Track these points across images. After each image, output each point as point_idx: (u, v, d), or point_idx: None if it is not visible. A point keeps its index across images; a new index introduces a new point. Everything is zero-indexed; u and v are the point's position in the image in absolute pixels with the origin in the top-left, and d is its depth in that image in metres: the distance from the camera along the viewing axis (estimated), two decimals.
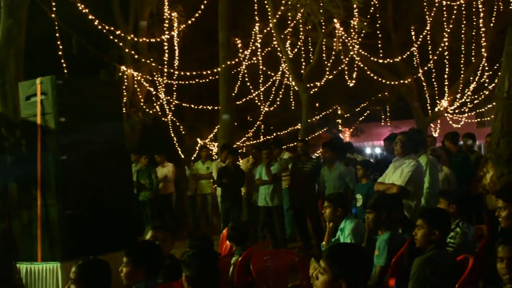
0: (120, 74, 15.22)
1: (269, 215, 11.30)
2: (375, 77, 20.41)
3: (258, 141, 22.45)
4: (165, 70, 16.32)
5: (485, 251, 5.15)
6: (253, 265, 5.94)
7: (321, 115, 26.56)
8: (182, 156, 19.43)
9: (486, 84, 21.71)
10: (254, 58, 18.42)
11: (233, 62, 15.15)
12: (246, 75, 19.08)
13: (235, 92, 17.03)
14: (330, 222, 6.58)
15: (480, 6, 18.88)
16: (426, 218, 4.87)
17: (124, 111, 11.96)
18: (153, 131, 17.69)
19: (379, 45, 20.52)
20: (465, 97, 23.50)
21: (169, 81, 17.01)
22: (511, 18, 18.13)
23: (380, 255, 5.52)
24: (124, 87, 14.81)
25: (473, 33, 20.84)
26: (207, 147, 17.05)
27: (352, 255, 3.23)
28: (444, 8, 19.11)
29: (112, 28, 13.28)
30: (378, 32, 19.84)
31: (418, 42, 20.14)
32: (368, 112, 28.82)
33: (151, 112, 16.75)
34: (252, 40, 17.50)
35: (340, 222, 6.52)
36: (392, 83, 22.08)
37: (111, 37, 13.34)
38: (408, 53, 20.38)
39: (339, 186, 10.01)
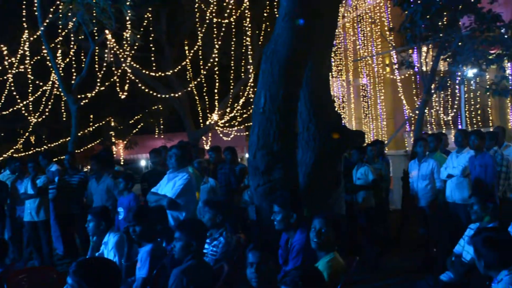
0: None
1: (35, 230, 10.80)
2: (147, 90, 20.47)
3: (27, 153, 21.34)
4: None
5: (241, 259, 5.41)
6: (8, 284, 5.61)
7: (94, 127, 25.99)
8: None
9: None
10: (22, 67, 17.49)
11: None
12: (12, 84, 18.02)
13: (1, 102, 16.02)
14: (94, 235, 6.47)
15: (249, 25, 19.97)
16: (183, 230, 4.99)
17: None
18: None
19: (152, 58, 20.65)
20: (234, 111, 24.58)
21: None
22: None
23: (141, 267, 5.56)
24: None
25: (242, 50, 21.94)
26: None
27: (100, 269, 3.19)
28: (215, 25, 19.87)
29: None
30: (151, 45, 19.99)
31: (189, 57, 20.64)
32: (142, 124, 28.78)
33: None
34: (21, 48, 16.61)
35: (104, 235, 6.43)
36: (165, 96, 22.34)
37: None
38: (179, 67, 20.79)
39: (107, 199, 9.86)
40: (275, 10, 17.90)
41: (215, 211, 5.99)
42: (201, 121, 24.73)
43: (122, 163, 26.62)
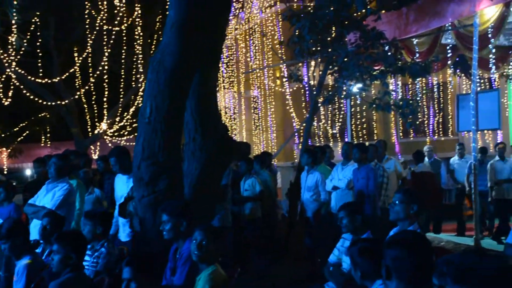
0: None
1: None
2: (33, 97, 19.76)
3: None
4: None
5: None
6: None
7: None
8: None
9: None
10: None
11: None
12: None
13: None
14: None
15: (140, 33, 19.73)
16: (61, 243, 4.83)
17: None
18: None
19: (39, 64, 19.96)
20: (124, 121, 24.18)
21: None
22: None
23: (18, 281, 5.34)
24: None
25: (133, 59, 21.65)
26: None
27: None
28: (105, 32, 19.50)
29: None
30: (38, 50, 19.33)
31: (78, 63, 20.13)
32: (27, 132, 27.73)
33: None
34: None
35: None
36: (52, 103, 21.64)
37: None
38: (67, 74, 20.22)
39: None
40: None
41: (94, 222, 5.84)
42: (89, 130, 24.14)
43: (5, 172, 25.45)
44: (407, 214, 5.18)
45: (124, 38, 20.38)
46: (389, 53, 11.54)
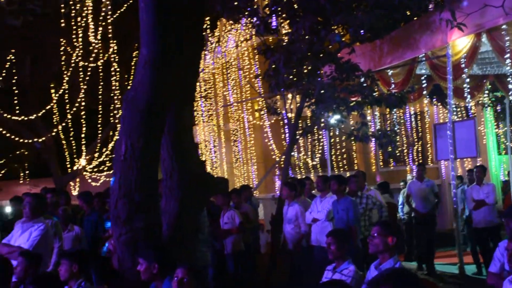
0: None
1: None
2: (9, 134, 19.62)
3: None
4: None
5: None
6: None
7: None
8: None
9: None
10: None
11: None
12: None
13: None
14: None
15: (117, 68, 19.75)
16: (38, 286, 4.76)
17: None
18: None
19: (15, 101, 19.86)
20: (103, 156, 24.06)
21: None
22: None
23: None
24: None
25: (111, 94, 21.63)
26: None
27: None
28: (81, 69, 19.49)
29: None
30: (14, 88, 19.26)
31: (55, 100, 20.07)
32: (5, 169, 27.54)
33: None
34: None
35: None
36: (30, 141, 21.49)
37: None
38: (44, 110, 20.14)
39: None
40: None
41: (70, 261, 5.73)
42: (68, 166, 23.96)
43: None
44: (386, 246, 5.16)
45: (101, 73, 20.36)
46: (365, 85, 11.64)
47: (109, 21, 18.13)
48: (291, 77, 11.47)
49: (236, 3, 11.31)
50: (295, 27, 10.83)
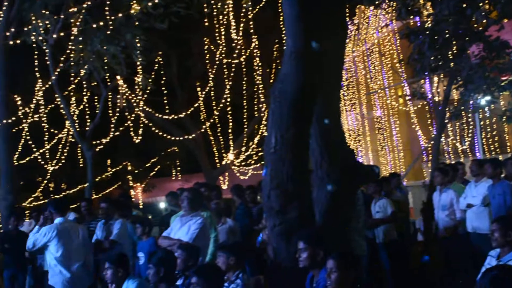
0: None
1: None
2: (161, 133, 20.58)
3: (46, 201, 21.44)
4: None
5: None
6: None
7: (111, 172, 26.12)
8: None
9: None
10: (37, 116, 17.64)
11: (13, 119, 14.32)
12: (28, 133, 18.17)
13: (18, 151, 16.18)
14: (112, 283, 6.39)
15: (259, 63, 20.11)
16: (201, 276, 4.94)
17: None
18: None
19: (165, 101, 20.81)
20: (250, 150, 24.59)
21: None
22: None
23: None
24: None
25: (254, 89, 22.06)
26: None
27: None
28: (225, 66, 20.03)
29: None
30: (163, 88, 20.17)
31: (201, 98, 20.78)
32: (159, 167, 28.91)
33: None
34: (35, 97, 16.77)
35: (123, 282, 6.35)
36: (180, 138, 22.43)
37: None
38: (192, 108, 20.92)
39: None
40: (284, 47, 18.12)
41: (227, 253, 5.88)
42: (217, 161, 24.75)
43: (141, 206, 26.58)
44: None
45: (244, 69, 20.83)
46: None
47: (249, 16, 18.46)
48: (437, 59, 11.11)
49: None
50: (439, 7, 10.48)
